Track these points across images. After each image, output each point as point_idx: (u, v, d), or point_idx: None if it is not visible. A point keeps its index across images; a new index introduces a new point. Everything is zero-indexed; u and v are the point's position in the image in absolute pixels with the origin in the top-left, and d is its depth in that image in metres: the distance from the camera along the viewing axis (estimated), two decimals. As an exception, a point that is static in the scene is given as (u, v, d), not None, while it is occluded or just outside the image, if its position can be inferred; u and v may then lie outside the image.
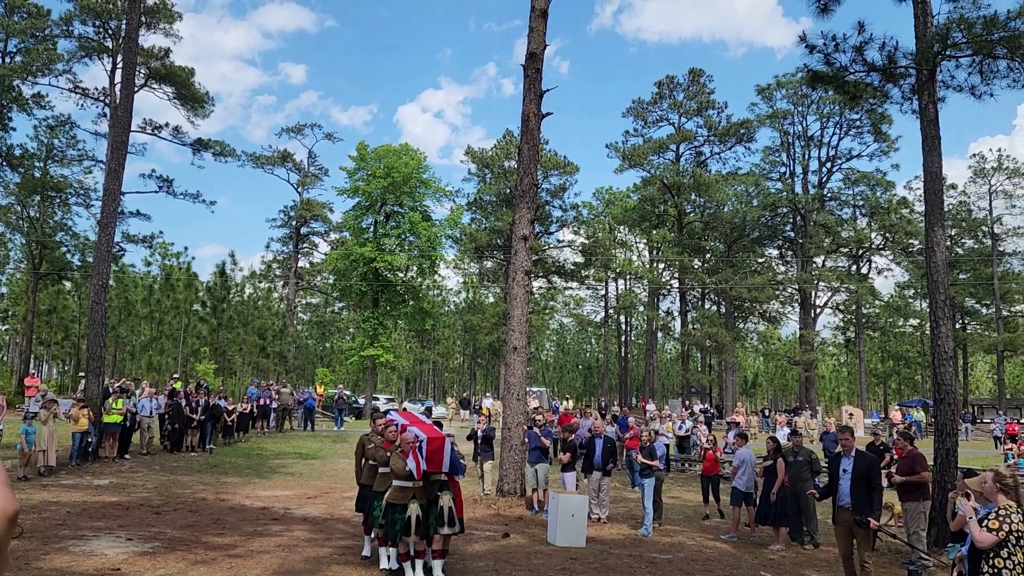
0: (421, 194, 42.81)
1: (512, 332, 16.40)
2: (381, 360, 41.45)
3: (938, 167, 13.22)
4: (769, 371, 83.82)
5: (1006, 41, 12.22)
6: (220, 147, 42.30)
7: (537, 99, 16.69)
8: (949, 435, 12.51)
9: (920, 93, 13.38)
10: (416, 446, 9.08)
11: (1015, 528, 6.18)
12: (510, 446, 15.87)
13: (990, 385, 74.45)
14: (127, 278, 49.13)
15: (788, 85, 50.60)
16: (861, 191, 53.41)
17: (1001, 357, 53.74)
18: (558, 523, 12.19)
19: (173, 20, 41.09)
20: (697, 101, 52.08)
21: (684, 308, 54.78)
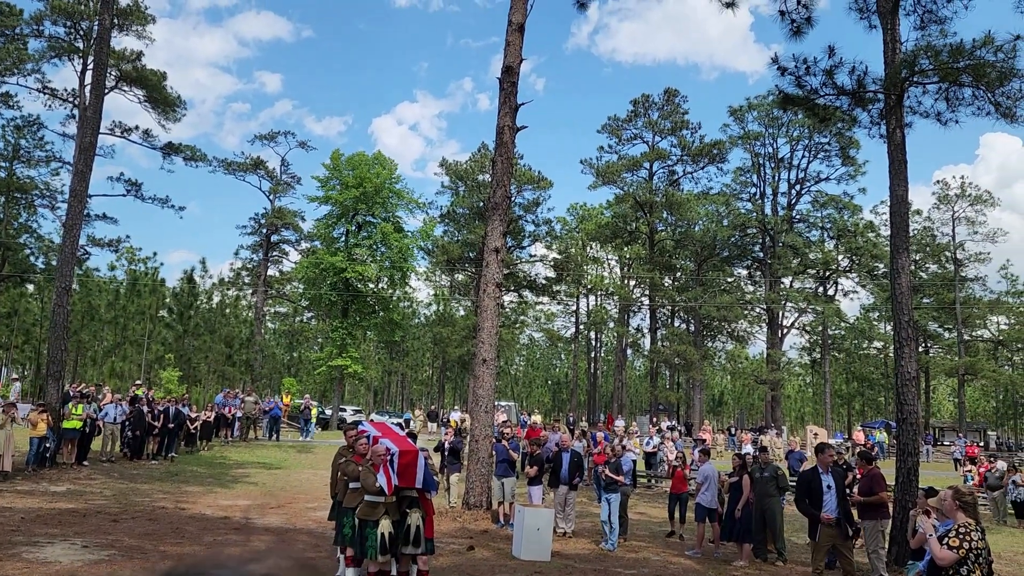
0: (394, 205, 42.74)
1: (482, 344, 16.36)
2: (349, 371, 41.17)
3: (904, 192, 13.46)
4: (736, 390, 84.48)
5: (971, 69, 12.51)
6: (191, 152, 41.87)
7: (512, 112, 16.75)
8: (911, 455, 12.67)
9: (888, 118, 13.63)
10: (387, 459, 8.68)
11: (975, 546, 6.25)
12: (477, 459, 15.79)
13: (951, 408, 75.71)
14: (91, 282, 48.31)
15: (760, 107, 51.34)
16: (829, 214, 54.25)
17: (962, 381, 54.68)
18: (524, 537, 12.13)
19: (146, 23, 40.69)
20: (671, 120, 52.62)
21: (654, 325, 55.10)
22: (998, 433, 60.76)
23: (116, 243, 45.44)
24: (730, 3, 17.25)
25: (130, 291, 46.87)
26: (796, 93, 14.59)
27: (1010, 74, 12.43)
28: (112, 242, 45.11)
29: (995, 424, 66.60)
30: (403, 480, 8.75)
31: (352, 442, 9.69)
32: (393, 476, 8.64)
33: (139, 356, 44.98)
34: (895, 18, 13.60)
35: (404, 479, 8.76)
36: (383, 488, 8.54)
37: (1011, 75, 12.49)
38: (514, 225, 48.89)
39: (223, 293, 50.80)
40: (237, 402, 29.74)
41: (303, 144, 56.62)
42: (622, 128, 53.88)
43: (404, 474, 8.76)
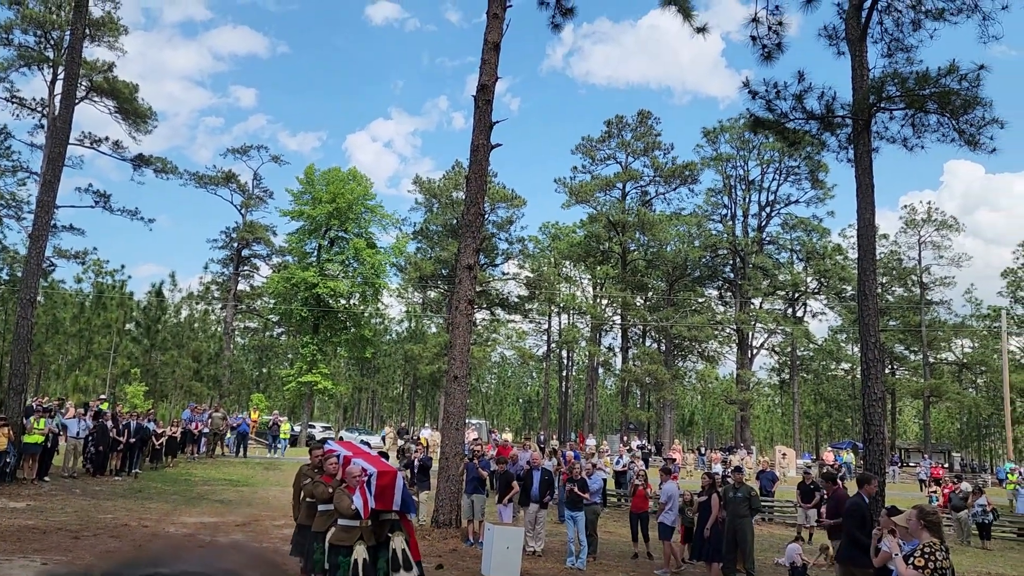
0: (367, 221, 42.62)
1: (453, 361, 16.31)
2: (319, 387, 40.79)
3: (871, 215, 13.70)
4: (706, 410, 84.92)
5: (937, 97, 12.80)
6: (162, 164, 41.50)
7: (487, 130, 16.82)
8: (877, 474, 12.81)
9: (856, 143, 13.89)
10: (364, 481, 8.20)
11: (939, 565, 6.32)
12: (447, 476, 15.69)
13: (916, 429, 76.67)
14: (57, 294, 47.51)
15: (731, 130, 52.07)
16: (798, 236, 55.00)
17: (927, 403, 55.50)
18: (493, 555, 12.04)
19: (119, 34, 40.40)
20: (644, 142, 53.15)
21: (625, 344, 55.32)
22: (962, 455, 61.65)
23: (83, 255, 44.83)
24: (702, 28, 17.51)
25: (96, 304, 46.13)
26: (766, 117, 14.83)
27: (974, 102, 12.74)
28: (79, 254, 44.49)
29: (960, 446, 67.54)
30: (380, 502, 8.31)
31: (320, 462, 9.14)
32: (370, 498, 8.17)
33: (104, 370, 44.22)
34: (863, 45, 13.90)
35: (381, 501, 8.32)
36: (359, 511, 8.03)
37: (975, 103, 12.81)
38: (487, 243, 48.95)
39: (192, 307, 50.22)
40: (204, 418, 29.33)
41: (276, 158, 56.35)
42: (596, 148, 54.33)
43: (382, 496, 8.31)
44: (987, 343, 56.19)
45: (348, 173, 42.76)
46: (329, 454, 9.02)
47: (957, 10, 13.62)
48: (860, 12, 14.19)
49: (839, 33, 14.81)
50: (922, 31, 14.03)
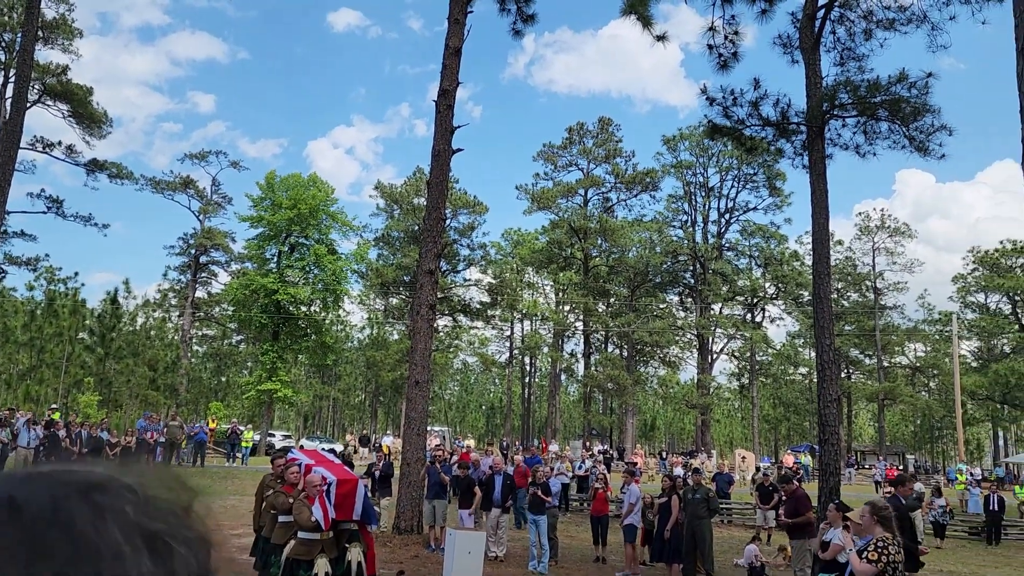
0: (327, 227, 42.31)
1: (415, 366, 16.26)
2: (279, 395, 40.33)
3: (825, 220, 13.97)
4: (667, 415, 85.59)
5: (887, 104, 13.11)
6: (117, 169, 40.75)
7: (448, 135, 16.83)
8: (833, 474, 13.04)
9: (810, 149, 14.17)
10: (323, 490, 7.85)
11: (892, 559, 6.46)
12: (409, 482, 15.61)
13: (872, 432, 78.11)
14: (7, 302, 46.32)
15: (691, 138, 52.68)
16: (756, 242, 55.80)
17: (882, 406, 56.62)
18: (455, 560, 11.99)
19: (73, 37, 39.62)
20: (605, 148, 53.54)
21: (587, 350, 55.55)
22: (916, 456, 62.90)
23: (35, 262, 43.78)
24: (661, 36, 17.72)
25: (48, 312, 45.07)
26: (724, 123, 15.06)
27: (923, 109, 13.08)
28: (30, 261, 43.45)
29: (913, 447, 68.93)
30: (341, 512, 7.97)
31: (281, 471, 8.86)
32: (330, 508, 7.82)
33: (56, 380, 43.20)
34: (816, 54, 14.19)
35: (342, 511, 7.98)
36: (319, 523, 7.68)
37: (924, 111, 13.15)
38: (449, 249, 48.86)
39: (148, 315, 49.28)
40: (160, 427, 28.79)
41: (235, 164, 55.62)
42: (557, 155, 54.59)
43: (342, 505, 8.01)
44: (939, 347, 57.52)
45: (309, 179, 42.42)
46: (291, 463, 8.77)
47: (907, 20, 13.99)
48: (813, 22, 14.50)
49: (793, 42, 15.11)
50: (873, 40, 14.39)
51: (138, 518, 0.53)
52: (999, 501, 23.40)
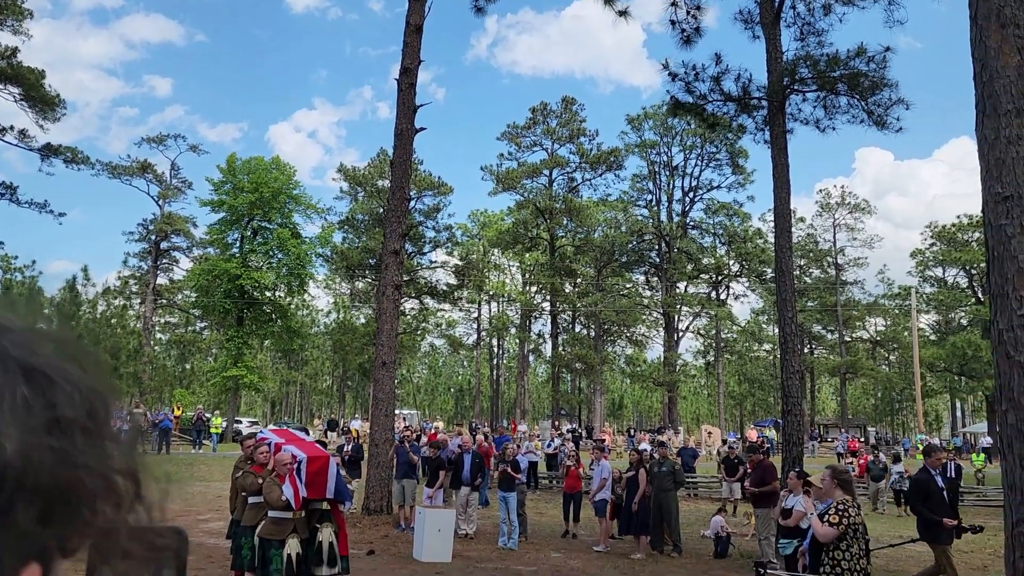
0: (290, 210, 41.85)
1: (381, 347, 16.19)
2: (245, 381, 39.96)
3: (787, 194, 14.11)
4: (635, 393, 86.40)
5: (847, 78, 13.25)
6: (72, 154, 39.80)
7: (411, 114, 16.68)
8: (796, 444, 13.26)
9: (771, 124, 14.28)
10: (294, 468, 7.65)
11: (853, 521, 6.59)
12: (377, 463, 15.59)
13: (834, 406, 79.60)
14: (-39, 292, 45.18)
15: (655, 117, 52.84)
16: (720, 220, 56.22)
17: (844, 379, 57.70)
18: (424, 538, 12.03)
19: (23, 17, 38.45)
20: (569, 128, 53.51)
21: (555, 331, 55.74)
22: (877, 428, 64.23)
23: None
24: (623, 12, 17.69)
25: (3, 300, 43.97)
26: (686, 99, 15.11)
27: (881, 84, 13.24)
28: (-16, 249, 42.37)
29: (874, 420, 70.41)
30: (312, 491, 7.74)
31: (251, 452, 8.69)
32: (301, 487, 7.62)
33: (15, 370, 42.30)
34: (776, 29, 14.27)
35: (313, 489, 7.76)
36: (290, 502, 7.49)
37: (882, 85, 13.30)
38: (415, 231, 48.61)
39: (109, 302, 48.42)
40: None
41: (194, 148, 54.63)
42: (521, 135, 54.44)
43: (313, 484, 7.75)
44: (898, 321, 58.68)
45: (271, 162, 41.88)
46: (260, 443, 8.61)
47: (865, -5, 14.11)
48: (774, -3, 14.58)
49: (754, 17, 15.18)
50: (832, 15, 14.51)
51: (16, 352, 0.52)
52: (956, 469, 23.98)
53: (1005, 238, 5.27)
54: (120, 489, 0.54)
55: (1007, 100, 5.38)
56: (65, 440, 0.51)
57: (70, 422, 0.51)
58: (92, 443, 0.53)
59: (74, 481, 0.51)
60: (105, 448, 0.54)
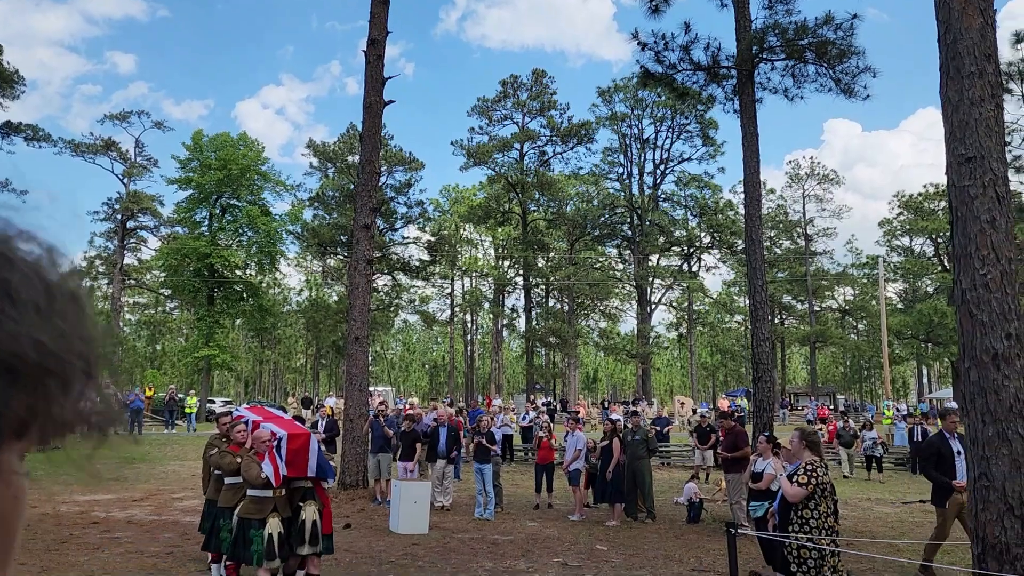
0: (260, 187, 41.38)
1: (354, 322, 16.12)
2: (217, 361, 39.66)
3: (756, 162, 14.19)
4: (609, 366, 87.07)
5: (815, 46, 13.29)
6: (33, 131, 38.97)
7: (379, 86, 16.49)
8: (766, 410, 13.45)
9: (741, 93, 14.30)
10: (273, 445, 7.41)
11: (821, 480, 6.71)
12: (352, 437, 15.59)
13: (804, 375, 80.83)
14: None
15: (625, 89, 52.75)
16: (692, 193, 56.46)
17: (813, 348, 58.56)
18: (400, 510, 12.08)
19: (-23, -9, 37.42)
20: (540, 101, 53.27)
21: (528, 305, 55.85)
22: (846, 396, 65.35)
23: (-51, 232, 41.80)
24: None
25: None
26: (656, 69, 15.07)
27: (848, 51, 13.30)
28: (-56, 231, 41.46)
29: (843, 388, 71.59)
30: (293, 469, 7.50)
31: (227, 430, 8.50)
32: (281, 465, 7.38)
33: (-20, 353, 41.67)
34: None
35: (294, 467, 7.51)
36: (270, 479, 7.24)
37: (850, 52, 13.37)
38: (386, 207, 48.28)
39: (75, 284, 47.61)
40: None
41: (159, 124, 53.50)
42: (492, 109, 54.11)
43: (294, 462, 7.51)
44: (866, 290, 59.56)
45: (238, 138, 41.30)
46: (237, 420, 8.39)
47: (832, -37, 14.12)
48: (742, -35, 14.54)
49: (723, -15, 15.14)
50: (800, -17, 14.49)
51: None
52: (923, 433, 24.46)
53: (968, 199, 5.35)
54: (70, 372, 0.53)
55: (970, 62, 5.43)
56: (13, 311, 0.50)
57: (23, 300, 0.51)
58: (45, 323, 0.52)
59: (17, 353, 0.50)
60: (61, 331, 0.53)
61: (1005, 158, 5.58)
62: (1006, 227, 5.32)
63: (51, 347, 0.51)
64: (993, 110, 5.45)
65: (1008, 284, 5.26)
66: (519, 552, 10.70)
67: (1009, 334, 5.23)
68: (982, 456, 5.31)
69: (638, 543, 11.62)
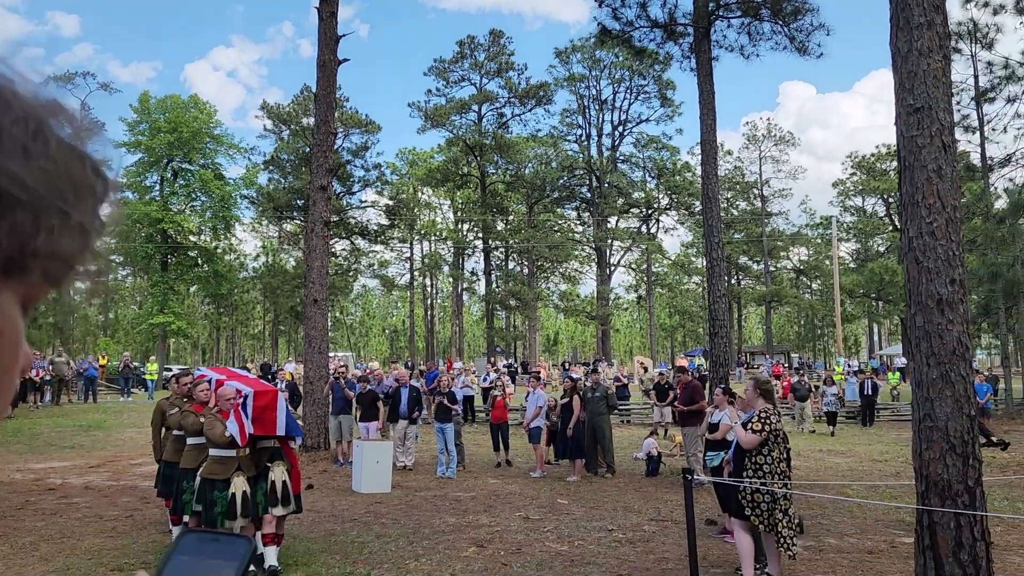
0: (212, 151, 40.52)
1: (312, 285, 15.99)
2: (172, 327, 39.08)
3: (713, 120, 14.27)
4: (570, 328, 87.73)
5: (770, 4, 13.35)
6: (-28, 94, 37.47)
7: (333, 44, 16.19)
8: (722, 365, 13.71)
9: (697, 51, 14.34)
10: (239, 403, 7.14)
11: (774, 427, 6.90)
12: (312, 400, 15.55)
13: (760, 334, 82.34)
14: None
15: (583, 50, 52.47)
16: (650, 155, 56.63)
17: (769, 308, 59.70)
18: (363, 470, 12.13)
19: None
20: (497, 62, 52.73)
21: (488, 268, 55.84)
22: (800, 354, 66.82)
23: None
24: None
25: None
26: (614, 27, 15.01)
27: (803, 9, 13.40)
28: None
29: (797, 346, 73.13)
30: (260, 427, 7.18)
31: (188, 390, 8.28)
32: (247, 423, 7.11)
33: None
34: (702, -47, 14.21)
35: (261, 425, 7.19)
36: (235, 438, 6.99)
37: (804, 10, 13.46)
38: (343, 171, 47.62)
39: (22, 251, 46.42)
40: (44, 364, 27.51)
41: (105, 86, 51.86)
42: (449, 70, 53.44)
43: (261, 419, 7.19)
44: (820, 250, 60.66)
45: (189, 100, 40.30)
46: (199, 380, 8.14)
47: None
48: (699, -79, 14.47)
49: (679, -58, 15.07)
50: (756, -60, 14.49)
51: None
52: (872, 386, 25.29)
53: (916, 148, 5.47)
54: (47, 209, 0.52)
55: (919, 13, 5.51)
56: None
57: (10, 135, 0.51)
58: (31, 162, 0.51)
59: None
60: (45, 172, 0.52)
61: (952, 108, 5.71)
62: (952, 176, 5.46)
63: (29, 183, 0.50)
64: (941, 61, 5.55)
65: (953, 231, 5.41)
66: (481, 508, 10.84)
67: (953, 280, 5.40)
68: (926, 398, 5.50)
69: (598, 496, 11.85)
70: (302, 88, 51.08)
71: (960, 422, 5.36)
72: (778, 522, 6.65)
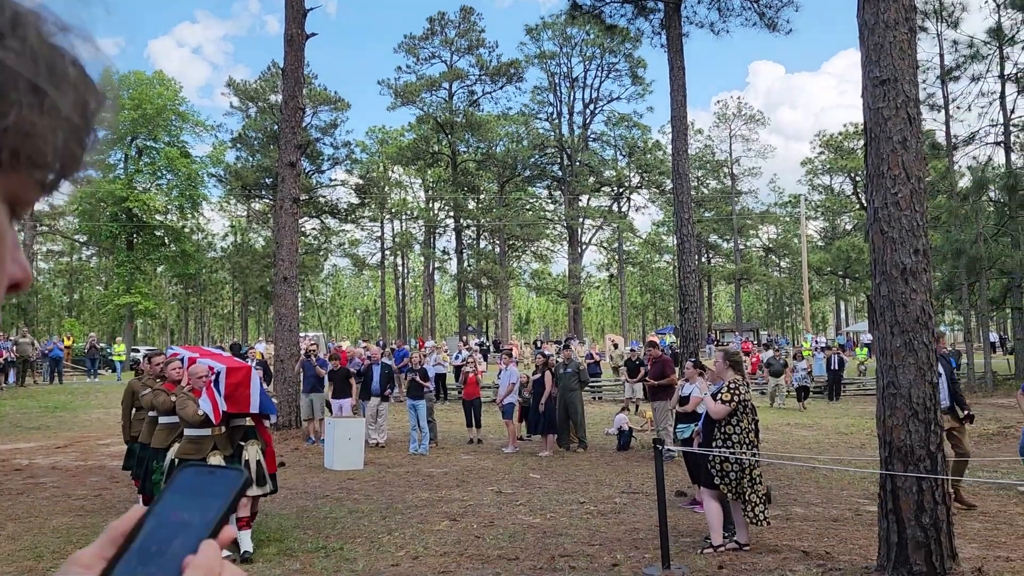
0: (178, 128, 39.86)
1: (282, 262, 15.85)
2: (140, 308, 38.57)
3: (683, 96, 14.30)
4: (541, 307, 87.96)
5: (740, -21, 13.35)
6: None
7: (300, 18, 15.95)
8: (692, 340, 13.84)
9: (668, 26, 14.33)
10: (211, 381, 6.98)
11: (743, 398, 6.99)
12: (283, 378, 15.47)
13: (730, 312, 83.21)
14: None
15: (554, 27, 52.25)
16: (621, 133, 56.71)
17: (738, 286, 60.32)
18: (335, 448, 12.11)
19: None
20: (468, 39, 52.35)
21: (460, 247, 55.74)
22: (769, 331, 67.69)
23: None
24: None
25: None
26: (584, 2, 14.94)
27: (772, -16, 13.41)
28: None
29: (766, 324, 74.05)
30: (233, 404, 7.06)
31: (160, 370, 8.11)
32: (220, 400, 7.00)
33: None
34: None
35: (234, 403, 7.07)
36: (208, 416, 6.85)
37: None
38: (312, 149, 47.13)
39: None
40: (8, 345, 27.02)
41: (67, 62, 50.79)
42: (419, 47, 52.96)
43: (234, 396, 7.07)
44: (789, 228, 61.37)
45: (154, 76, 39.54)
46: (172, 358, 7.94)
47: None
48: None
49: (650, -84, 15.01)
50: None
51: None
52: (839, 361, 25.72)
53: (882, 120, 5.53)
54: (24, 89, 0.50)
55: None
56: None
57: None
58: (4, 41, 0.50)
59: None
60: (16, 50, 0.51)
61: (917, 81, 5.77)
62: (916, 147, 5.54)
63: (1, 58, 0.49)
64: (907, 33, 5.61)
65: (917, 202, 5.50)
66: (454, 483, 10.89)
67: (917, 250, 5.49)
68: (890, 365, 5.61)
69: (570, 471, 11.95)
70: (269, 64, 50.39)
71: (923, 389, 5.48)
72: (746, 490, 6.77)
